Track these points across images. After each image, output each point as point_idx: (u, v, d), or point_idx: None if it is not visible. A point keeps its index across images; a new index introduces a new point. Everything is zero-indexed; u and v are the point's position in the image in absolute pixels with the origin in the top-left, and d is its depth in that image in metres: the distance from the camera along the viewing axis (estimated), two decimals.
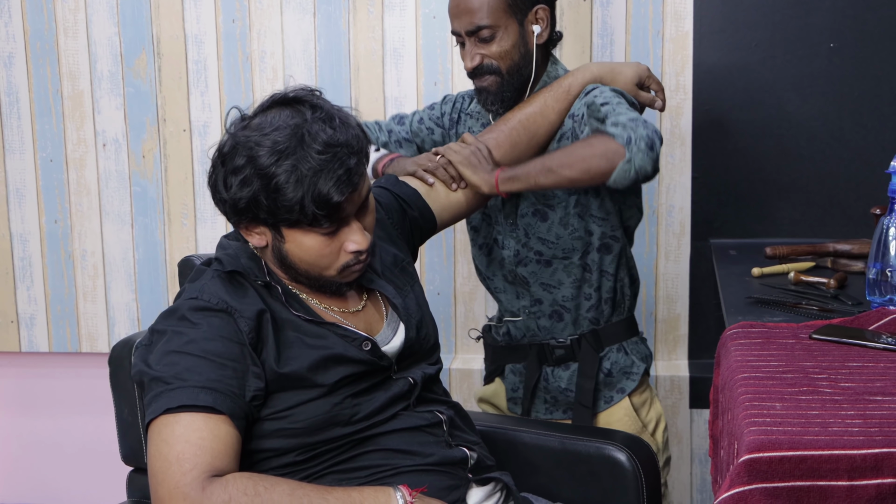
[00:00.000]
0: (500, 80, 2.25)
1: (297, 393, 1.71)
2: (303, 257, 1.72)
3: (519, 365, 2.42)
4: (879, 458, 1.40)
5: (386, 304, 1.88)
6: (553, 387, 2.38)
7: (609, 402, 2.36)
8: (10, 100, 3.16)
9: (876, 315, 1.93)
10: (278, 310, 1.74)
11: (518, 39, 2.24)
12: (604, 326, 2.35)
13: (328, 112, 1.70)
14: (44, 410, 3.36)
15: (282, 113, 1.68)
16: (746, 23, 2.85)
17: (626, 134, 2.02)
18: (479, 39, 2.23)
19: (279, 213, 1.66)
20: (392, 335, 1.85)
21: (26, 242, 3.23)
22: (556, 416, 2.41)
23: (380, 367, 1.78)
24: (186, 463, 1.59)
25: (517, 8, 2.22)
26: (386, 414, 1.78)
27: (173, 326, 1.69)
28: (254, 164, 1.64)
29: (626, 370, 2.36)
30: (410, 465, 1.76)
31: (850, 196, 2.86)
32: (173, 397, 1.62)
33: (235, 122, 1.72)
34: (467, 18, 2.22)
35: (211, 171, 1.72)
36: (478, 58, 2.24)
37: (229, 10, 3.04)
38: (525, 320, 2.38)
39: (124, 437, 1.98)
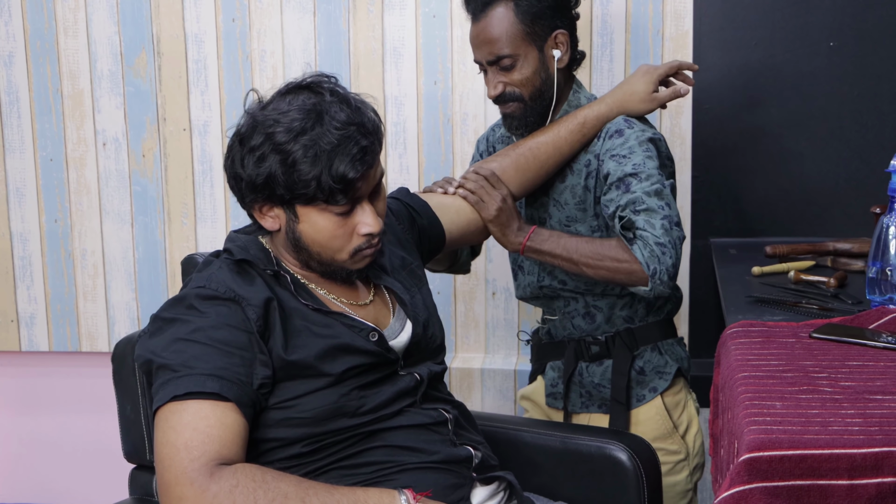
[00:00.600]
0: (523, 106, 2.29)
1: (304, 382, 1.71)
2: (316, 238, 1.74)
3: (559, 361, 2.45)
4: (879, 457, 1.40)
5: (393, 301, 1.90)
6: (587, 381, 2.41)
7: (641, 400, 2.38)
8: (10, 99, 3.16)
9: (876, 314, 1.93)
10: (286, 298, 1.75)
11: (538, 66, 2.27)
12: (639, 326, 2.37)
13: (345, 95, 1.74)
14: (44, 410, 3.36)
15: (300, 95, 1.73)
16: (746, 22, 2.85)
17: (653, 266, 2.08)
18: (501, 68, 2.27)
19: (296, 189, 1.69)
20: (400, 330, 1.86)
21: (26, 242, 3.23)
22: (591, 411, 2.43)
23: (387, 359, 1.79)
24: (195, 450, 1.59)
25: (536, 35, 2.25)
26: (392, 408, 1.78)
27: (181, 314, 1.70)
28: (272, 141, 1.68)
29: (658, 369, 2.38)
30: (415, 462, 1.76)
31: (850, 195, 2.86)
32: (180, 384, 1.63)
33: (253, 103, 1.76)
34: (487, 49, 2.26)
35: (228, 152, 1.76)
36: (500, 86, 2.28)
37: (229, 10, 3.04)
38: (561, 319, 2.42)
39: (127, 435, 1.98)
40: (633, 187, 2.13)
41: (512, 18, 2.23)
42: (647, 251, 2.08)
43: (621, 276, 2.13)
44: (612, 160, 2.20)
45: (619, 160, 2.19)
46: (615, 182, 2.17)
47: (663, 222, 2.10)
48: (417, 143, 3.01)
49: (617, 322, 2.37)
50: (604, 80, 2.86)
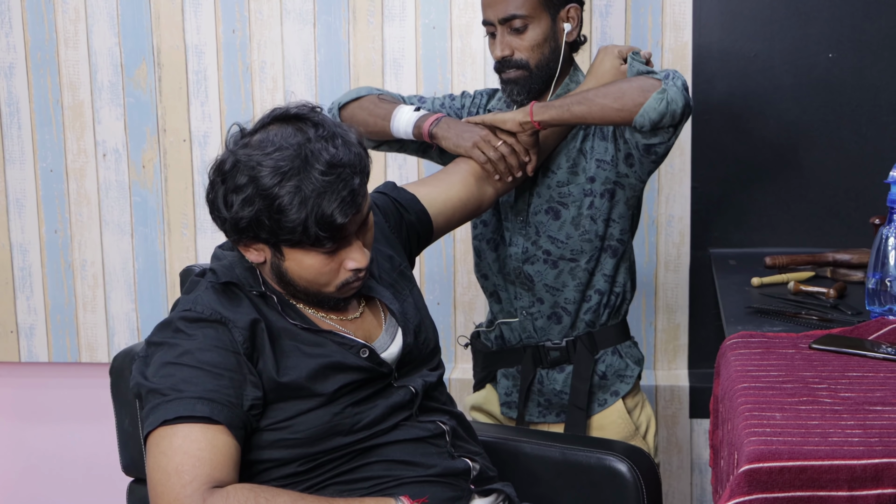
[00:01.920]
0: (527, 73, 2.25)
1: (296, 403, 1.70)
2: (302, 275, 1.72)
3: (512, 369, 2.42)
4: (880, 468, 1.40)
5: (384, 310, 1.88)
6: (548, 389, 2.38)
7: (603, 404, 2.37)
8: (10, 110, 3.17)
9: (875, 325, 1.93)
10: (274, 319, 1.73)
11: (549, 34, 2.25)
12: (599, 329, 2.36)
13: (330, 130, 1.67)
14: (43, 421, 3.36)
15: (283, 130, 1.67)
16: (745, 33, 2.86)
17: (665, 72, 2.09)
18: (511, 30, 2.24)
19: (281, 234, 1.65)
20: (390, 341, 1.84)
21: (26, 252, 3.23)
22: (548, 420, 2.41)
23: (380, 374, 1.78)
24: (186, 475, 1.58)
25: (551, 3, 2.24)
26: (388, 423, 1.77)
27: (168, 338, 1.69)
28: (256, 184, 1.63)
29: (620, 373, 2.37)
30: (413, 476, 1.76)
31: (850, 206, 2.86)
32: (170, 409, 1.62)
33: (235, 137, 1.70)
34: (502, 6, 2.23)
35: (210, 188, 1.70)
36: (508, 49, 2.25)
37: (229, 21, 3.04)
38: (521, 321, 2.39)
39: (125, 448, 1.98)
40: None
41: None
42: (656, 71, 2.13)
43: (634, 91, 2.08)
44: None
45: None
46: None
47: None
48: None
49: (579, 326, 2.35)
50: None
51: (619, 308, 2.38)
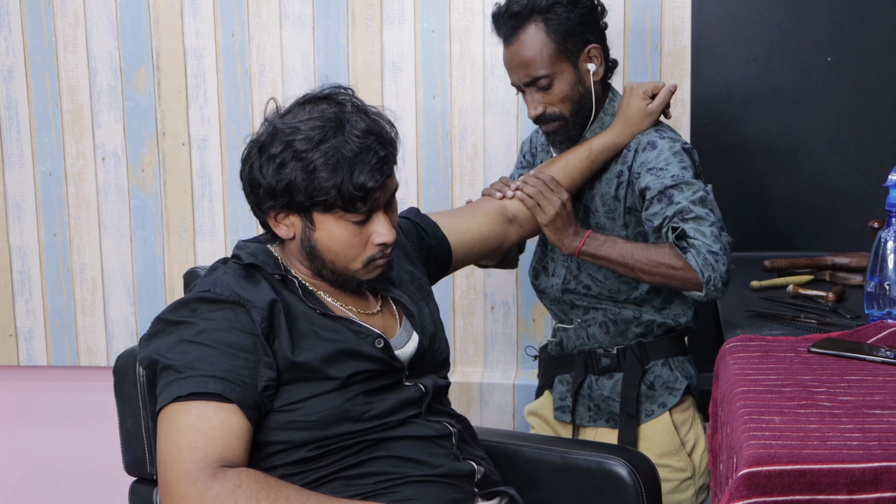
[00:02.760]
0: (564, 123, 2.31)
1: (309, 385, 1.72)
2: (331, 246, 1.76)
3: (567, 375, 2.46)
4: (879, 471, 1.40)
5: (400, 313, 1.91)
6: (596, 394, 2.41)
7: (650, 415, 2.38)
8: (9, 113, 3.17)
9: (874, 328, 1.93)
10: (293, 302, 1.77)
11: (574, 81, 2.30)
12: (651, 340, 2.38)
13: (363, 106, 1.77)
14: (42, 424, 3.36)
15: (319, 105, 1.75)
16: (744, 37, 2.86)
17: (707, 273, 2.11)
18: (538, 88, 2.29)
19: (316, 196, 1.71)
20: (406, 340, 1.87)
21: (25, 256, 3.23)
22: (599, 425, 2.44)
23: (392, 367, 1.80)
24: (198, 451, 1.61)
25: (569, 52, 2.28)
26: (396, 417, 1.79)
27: (186, 317, 1.72)
28: (292, 148, 1.70)
29: (668, 385, 2.38)
30: (419, 474, 1.77)
31: (849, 209, 2.86)
32: (184, 385, 1.64)
33: (272, 112, 1.78)
34: (523, 71, 2.28)
35: (244, 161, 1.77)
36: (540, 107, 2.30)
37: (228, 25, 3.05)
38: (576, 328, 2.43)
39: (128, 447, 1.98)
40: (677, 198, 2.16)
41: (544, 38, 2.25)
42: (700, 259, 2.12)
43: (677, 282, 2.17)
44: (650, 174, 2.22)
45: (656, 173, 2.21)
46: (656, 196, 2.19)
47: (712, 229, 2.13)
48: (416, 158, 3.02)
49: (630, 335, 2.38)
50: None
51: (674, 329, 2.40)
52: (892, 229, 1.98)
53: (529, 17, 2.26)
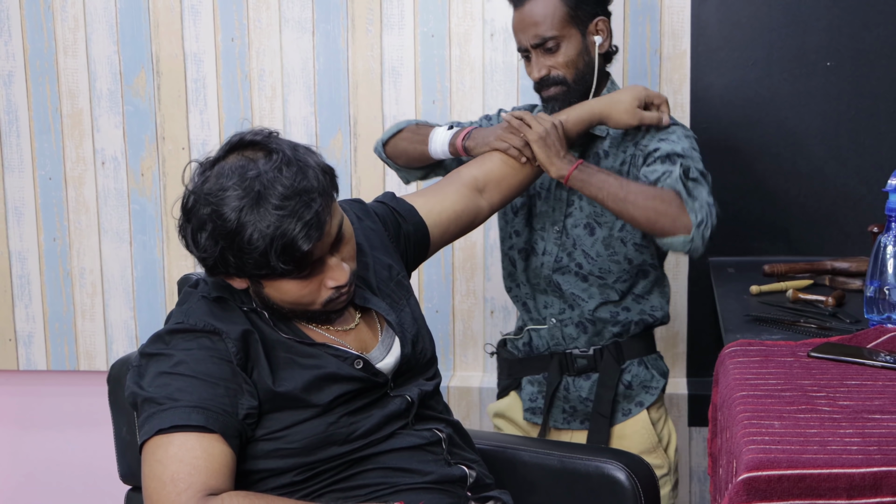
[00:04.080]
0: (566, 89, 2.31)
1: (291, 413, 1.70)
2: (284, 299, 1.72)
3: (538, 376, 2.45)
4: (878, 476, 1.40)
5: (381, 320, 1.87)
6: (573, 396, 2.41)
7: (627, 414, 2.39)
8: (9, 118, 3.17)
9: (874, 333, 1.93)
10: (267, 332, 1.74)
11: (581, 49, 2.31)
12: (626, 340, 2.39)
13: (285, 156, 1.64)
14: (42, 428, 3.36)
15: (238, 163, 1.64)
16: (744, 41, 2.86)
17: (700, 216, 2.11)
18: (545, 51, 2.30)
19: (248, 270, 1.66)
20: (386, 352, 1.84)
21: (25, 260, 3.23)
22: (573, 427, 2.44)
23: (375, 384, 1.78)
24: (181, 483, 1.59)
25: (579, 19, 2.30)
26: (384, 432, 1.77)
27: (162, 349, 1.70)
28: (215, 223, 1.62)
29: (645, 384, 2.39)
30: (409, 483, 1.76)
31: (848, 214, 2.86)
32: (165, 418, 1.62)
33: (195, 173, 1.69)
34: (532, 31, 2.29)
35: (179, 227, 1.70)
36: (544, 69, 2.31)
37: (228, 29, 3.05)
38: (550, 328, 2.42)
39: (123, 456, 1.98)
40: (682, 162, 2.18)
41: (556, 1, 2.28)
42: (696, 203, 2.12)
43: (665, 220, 2.12)
44: (661, 142, 2.24)
45: (667, 142, 2.24)
46: (662, 156, 2.21)
47: (709, 198, 2.15)
48: None
49: (606, 335, 2.38)
50: None
51: (651, 326, 2.41)
52: (892, 234, 1.98)
53: None
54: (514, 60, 2.94)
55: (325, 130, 3.06)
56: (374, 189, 3.03)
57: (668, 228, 2.12)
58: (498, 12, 2.93)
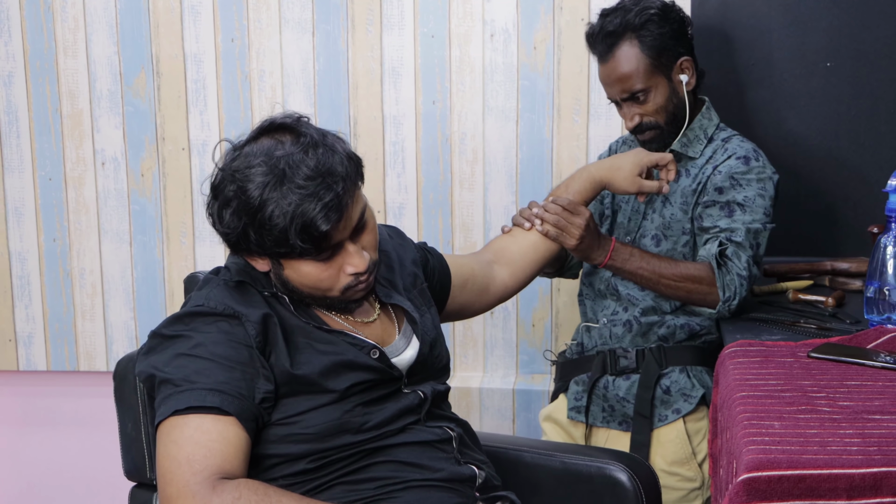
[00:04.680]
0: (660, 132, 2.40)
1: (307, 398, 1.72)
2: (303, 282, 1.74)
3: (584, 375, 2.48)
4: (878, 477, 1.40)
5: (400, 318, 1.90)
6: (611, 395, 2.43)
7: (663, 420, 2.39)
8: (9, 118, 3.17)
9: (874, 333, 1.93)
10: (287, 317, 1.75)
11: (669, 93, 2.39)
12: (672, 346, 2.40)
13: (313, 139, 1.68)
14: (42, 429, 3.36)
15: (266, 144, 1.68)
16: (743, 42, 2.86)
17: (729, 293, 2.25)
18: (635, 101, 2.38)
19: (268, 247, 1.68)
20: (404, 347, 1.86)
21: (25, 261, 3.23)
22: (612, 427, 2.45)
23: (390, 376, 1.79)
24: (197, 464, 1.60)
25: (662, 66, 2.38)
26: (396, 425, 1.78)
27: (182, 331, 1.71)
28: (240, 200, 1.66)
29: (684, 392, 2.39)
30: (419, 478, 1.76)
31: (848, 214, 2.86)
32: (182, 399, 1.64)
33: (226, 153, 1.73)
34: (620, 86, 2.37)
35: (207, 205, 1.73)
36: (637, 118, 2.39)
37: (228, 30, 3.05)
38: (601, 328, 2.46)
39: (128, 453, 1.98)
40: (736, 216, 2.29)
41: (639, 55, 2.35)
42: (727, 279, 2.24)
43: (696, 297, 2.29)
44: (729, 179, 2.33)
45: (734, 183, 2.33)
46: (722, 203, 2.32)
47: (749, 260, 2.26)
48: (416, 163, 3.02)
49: (652, 338, 2.41)
50: (603, 101, 2.87)
51: (698, 336, 2.42)
52: (892, 234, 1.99)
53: (623, 35, 2.35)
54: (514, 61, 2.94)
55: None
56: (374, 189, 3.03)
57: (697, 303, 2.30)
58: (498, 13, 2.94)
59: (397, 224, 3.00)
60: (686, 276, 2.27)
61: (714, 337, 2.44)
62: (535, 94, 2.94)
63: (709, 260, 2.26)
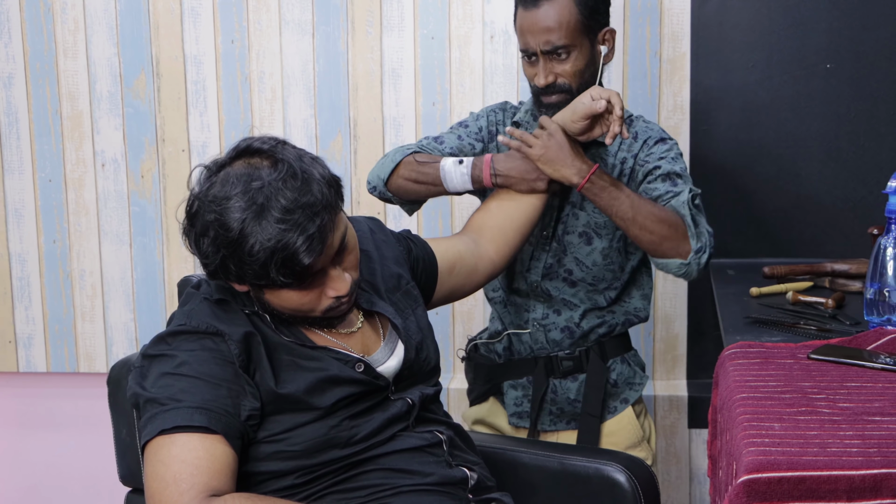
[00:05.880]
0: (569, 97, 2.25)
1: (293, 415, 1.71)
2: (284, 306, 1.72)
3: (522, 380, 2.43)
4: (878, 478, 1.40)
5: (384, 324, 1.88)
6: (561, 399, 2.40)
7: (613, 412, 2.40)
8: (9, 120, 3.17)
9: (874, 335, 1.93)
10: (269, 334, 1.74)
11: (589, 59, 2.27)
12: (608, 340, 2.40)
13: (290, 168, 1.64)
14: (41, 430, 3.35)
15: (243, 171, 1.65)
16: (743, 43, 2.87)
17: (700, 243, 2.14)
18: (554, 57, 2.25)
19: (248, 278, 1.66)
20: (389, 355, 1.84)
21: (25, 262, 3.23)
22: (559, 428, 2.43)
23: (377, 387, 1.78)
24: (183, 483, 1.59)
25: (591, 29, 2.26)
26: (385, 434, 1.77)
27: (165, 350, 1.70)
28: (217, 231, 1.63)
29: (629, 380, 2.41)
30: (410, 484, 1.76)
31: (848, 216, 2.86)
32: (168, 418, 1.63)
33: (202, 177, 1.69)
34: (544, 37, 2.23)
35: (182, 230, 1.70)
36: (551, 76, 2.26)
37: (228, 31, 3.05)
38: (533, 333, 2.40)
39: (122, 458, 1.98)
40: (680, 186, 2.21)
41: (573, 8, 2.22)
42: (698, 230, 2.15)
43: (669, 243, 2.14)
44: (661, 160, 2.26)
45: (667, 160, 2.25)
46: (664, 175, 2.23)
47: (708, 226, 2.19)
48: None
49: (591, 338, 2.38)
50: None
51: (633, 325, 2.43)
52: (892, 236, 1.98)
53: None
54: (514, 63, 2.94)
55: (325, 132, 3.06)
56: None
57: (668, 252, 2.15)
58: (498, 14, 2.94)
59: (397, 224, 3.00)
60: (663, 218, 2.13)
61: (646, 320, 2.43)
62: None
63: (678, 209, 2.15)
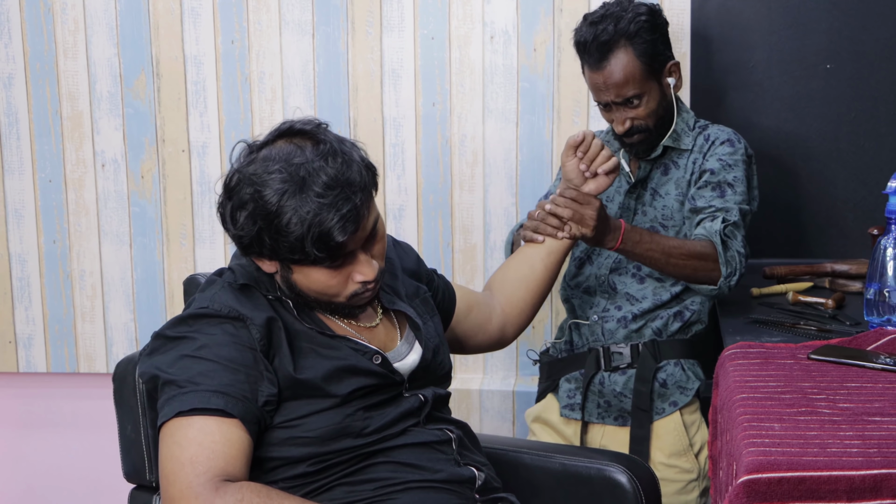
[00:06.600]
0: (648, 134, 2.41)
1: (310, 402, 1.72)
2: (311, 287, 1.74)
3: (576, 373, 2.48)
4: (878, 479, 1.40)
5: (402, 325, 1.90)
6: (608, 391, 2.43)
7: (660, 413, 2.41)
8: (9, 120, 3.17)
9: (874, 335, 1.93)
10: (291, 321, 1.76)
11: (660, 97, 2.42)
12: (665, 339, 2.42)
13: (332, 147, 1.68)
14: (42, 431, 3.35)
15: (286, 148, 1.68)
16: (743, 44, 2.86)
17: (730, 269, 2.27)
18: (628, 106, 2.39)
19: (282, 253, 1.68)
20: (407, 352, 1.87)
21: (25, 262, 3.23)
22: (607, 422, 2.47)
23: (392, 381, 1.80)
24: (200, 465, 1.60)
25: (654, 71, 2.40)
26: (396, 428, 1.79)
27: (186, 332, 1.71)
28: (256, 204, 1.66)
29: (680, 385, 2.42)
30: (419, 479, 1.77)
31: (848, 216, 2.86)
32: (185, 401, 1.64)
33: (242, 154, 1.73)
34: (615, 92, 2.38)
35: (219, 205, 1.73)
36: (629, 122, 2.41)
37: (228, 32, 3.05)
38: (591, 325, 2.46)
39: (127, 455, 1.98)
40: (728, 196, 2.33)
41: (634, 61, 2.36)
42: (729, 254, 2.26)
43: (701, 274, 2.29)
44: (719, 162, 2.38)
45: (724, 165, 2.37)
46: (714, 183, 2.37)
47: (743, 239, 2.32)
48: (416, 165, 3.02)
49: (646, 333, 2.42)
50: None
51: (690, 327, 2.45)
52: (892, 236, 1.99)
53: (618, 43, 2.36)
54: (514, 63, 2.94)
55: None
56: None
57: (701, 280, 2.30)
58: (498, 14, 2.94)
59: (397, 225, 3.00)
60: (693, 253, 2.27)
61: (703, 328, 2.46)
62: (535, 95, 2.94)
63: (710, 237, 2.28)
